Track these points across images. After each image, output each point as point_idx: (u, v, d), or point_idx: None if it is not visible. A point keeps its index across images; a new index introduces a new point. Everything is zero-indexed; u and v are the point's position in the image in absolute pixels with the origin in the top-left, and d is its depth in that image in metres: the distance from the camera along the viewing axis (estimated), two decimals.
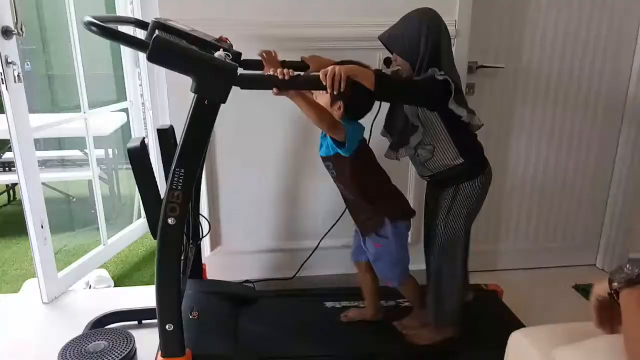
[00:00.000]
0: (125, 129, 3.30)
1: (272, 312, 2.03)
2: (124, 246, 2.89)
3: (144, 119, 2.95)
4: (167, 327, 1.51)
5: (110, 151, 3.37)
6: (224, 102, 1.37)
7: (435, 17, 1.64)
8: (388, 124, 1.84)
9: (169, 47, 1.29)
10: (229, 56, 1.40)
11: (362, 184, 1.73)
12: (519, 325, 1.96)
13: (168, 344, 1.53)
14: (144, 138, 1.60)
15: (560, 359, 0.94)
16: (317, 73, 1.47)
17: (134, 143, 1.54)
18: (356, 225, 1.86)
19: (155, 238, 1.58)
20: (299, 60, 1.81)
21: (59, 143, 3.41)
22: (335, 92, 1.42)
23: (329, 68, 1.41)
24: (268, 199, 2.25)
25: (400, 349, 1.83)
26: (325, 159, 1.74)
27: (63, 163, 3.43)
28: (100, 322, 2.03)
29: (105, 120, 3.12)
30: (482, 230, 2.45)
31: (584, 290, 2.42)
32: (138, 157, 1.53)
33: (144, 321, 2.10)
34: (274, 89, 1.42)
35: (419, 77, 1.64)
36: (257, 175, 2.21)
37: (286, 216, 2.28)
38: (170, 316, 1.50)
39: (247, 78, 1.39)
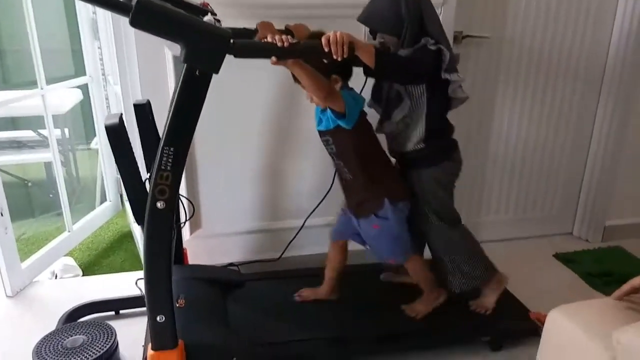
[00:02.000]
0: (81, 106, 3.08)
1: (261, 295, 1.94)
2: (90, 232, 2.72)
3: (105, 94, 2.75)
4: (158, 318, 1.39)
5: (66, 131, 3.14)
6: (216, 73, 1.25)
7: None
8: (376, 94, 1.77)
9: (155, 9, 1.15)
10: (219, 22, 1.28)
11: (364, 159, 1.66)
12: (510, 297, 1.96)
13: (159, 336, 1.41)
14: (121, 114, 1.46)
15: (626, 340, 0.88)
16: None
17: (111, 120, 1.40)
18: (349, 207, 1.79)
19: (139, 223, 1.46)
20: (283, 28, 1.69)
21: (13, 123, 3.14)
22: (339, 59, 1.31)
23: (331, 34, 1.31)
24: (249, 177, 2.13)
25: (394, 328, 1.79)
26: (324, 134, 1.66)
27: (14, 145, 3.18)
28: (73, 315, 1.88)
29: (60, 98, 2.89)
30: (465, 203, 2.43)
31: (564, 258, 2.46)
32: (117, 134, 1.40)
33: (121, 311, 1.98)
34: (272, 58, 1.30)
35: (411, 49, 1.56)
36: (237, 152, 2.08)
37: (269, 195, 2.17)
38: (161, 307, 1.38)
39: (242, 46, 1.26)
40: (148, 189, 1.46)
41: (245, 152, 2.10)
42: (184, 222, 1.89)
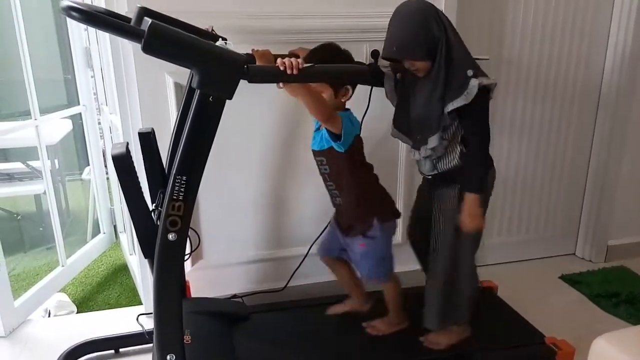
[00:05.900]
0: (71, 136, 3.01)
1: (268, 328, 1.86)
2: (84, 266, 2.62)
3: (99, 124, 2.70)
4: (168, 357, 1.32)
5: (56, 162, 3.06)
6: (230, 99, 1.21)
7: (429, 6, 1.53)
8: (400, 123, 1.70)
9: (168, 35, 1.12)
10: (232, 46, 1.24)
11: (355, 181, 1.64)
12: (524, 322, 1.91)
13: None
14: (127, 143, 1.41)
15: None
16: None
17: (118, 149, 1.35)
18: (339, 228, 1.76)
19: (146, 257, 1.39)
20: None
21: (2, 155, 3.05)
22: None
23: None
24: (251, 205, 2.07)
25: (406, 358, 1.74)
26: (318, 154, 1.64)
27: (4, 177, 3.08)
28: (72, 355, 1.80)
29: (52, 128, 2.82)
30: None
31: (571, 279, 2.43)
32: (124, 164, 1.34)
33: (122, 349, 1.89)
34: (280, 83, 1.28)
35: (453, 78, 1.50)
36: (238, 179, 2.02)
37: (272, 222, 2.11)
38: (171, 345, 1.32)
39: (257, 71, 1.23)
40: (155, 220, 1.42)
41: (247, 179, 2.04)
42: (189, 254, 1.82)
